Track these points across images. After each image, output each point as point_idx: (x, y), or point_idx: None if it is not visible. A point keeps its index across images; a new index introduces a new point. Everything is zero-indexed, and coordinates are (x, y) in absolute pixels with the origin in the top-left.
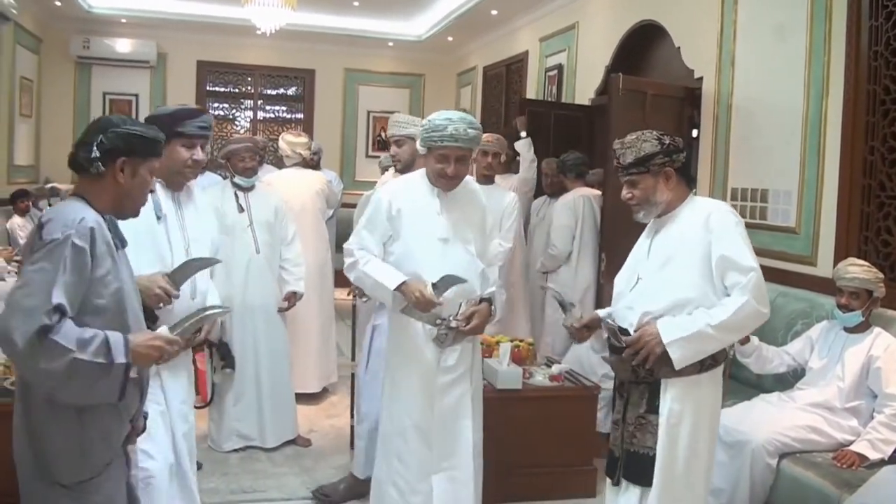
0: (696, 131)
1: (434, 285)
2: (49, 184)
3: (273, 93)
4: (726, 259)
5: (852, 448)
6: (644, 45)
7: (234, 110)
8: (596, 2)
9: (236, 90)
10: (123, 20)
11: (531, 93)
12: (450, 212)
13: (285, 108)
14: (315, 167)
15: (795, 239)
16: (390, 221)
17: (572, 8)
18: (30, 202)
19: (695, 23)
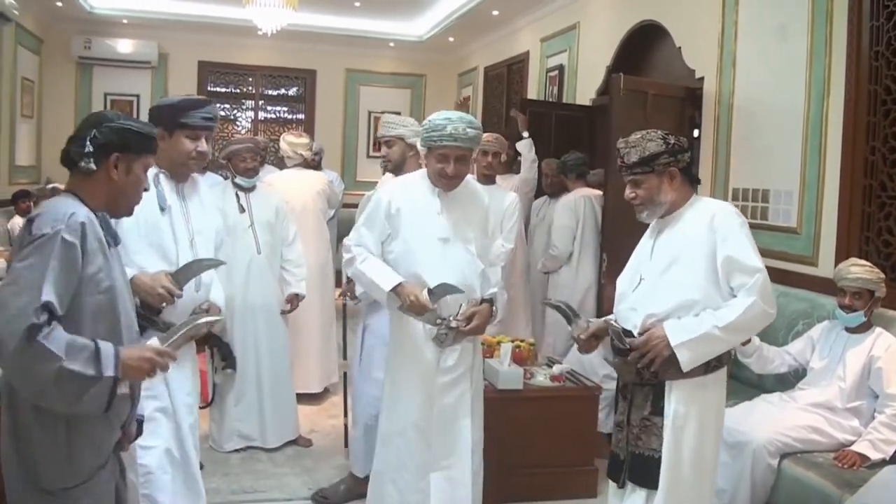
0: (697, 131)
1: (430, 291)
2: (50, 184)
3: (274, 93)
4: (732, 260)
5: (853, 448)
6: (645, 46)
7: (235, 111)
8: (597, 2)
9: (237, 90)
10: (124, 21)
11: (532, 93)
12: (450, 212)
13: (286, 109)
14: (316, 167)
15: (796, 239)
16: (389, 220)
17: (573, 8)
18: (31, 202)
19: (696, 23)
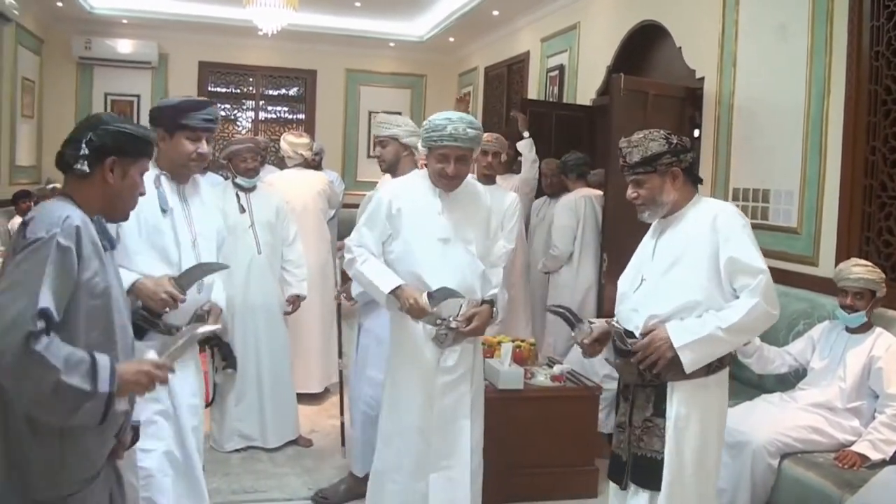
0: (698, 131)
1: (430, 295)
2: (51, 184)
3: (274, 93)
4: (735, 261)
5: (854, 448)
6: (645, 46)
7: (235, 111)
8: (597, 2)
9: (238, 91)
10: (125, 21)
11: (532, 93)
12: (451, 212)
13: (287, 109)
14: (317, 168)
15: (797, 239)
16: (389, 220)
17: (574, 8)
18: (32, 203)
19: (696, 23)
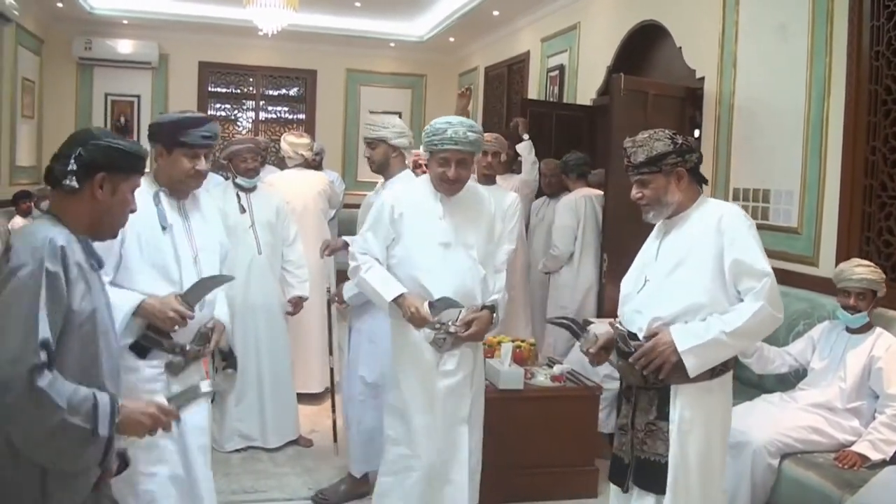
0: (698, 131)
1: (431, 304)
2: None
3: (275, 93)
4: (740, 263)
5: (854, 448)
6: (645, 46)
7: (235, 111)
8: (597, 2)
9: (238, 91)
10: (125, 21)
11: (533, 93)
12: (452, 216)
13: (287, 109)
14: (317, 168)
15: (797, 239)
16: (392, 224)
17: (574, 8)
18: (32, 203)
19: (696, 23)
